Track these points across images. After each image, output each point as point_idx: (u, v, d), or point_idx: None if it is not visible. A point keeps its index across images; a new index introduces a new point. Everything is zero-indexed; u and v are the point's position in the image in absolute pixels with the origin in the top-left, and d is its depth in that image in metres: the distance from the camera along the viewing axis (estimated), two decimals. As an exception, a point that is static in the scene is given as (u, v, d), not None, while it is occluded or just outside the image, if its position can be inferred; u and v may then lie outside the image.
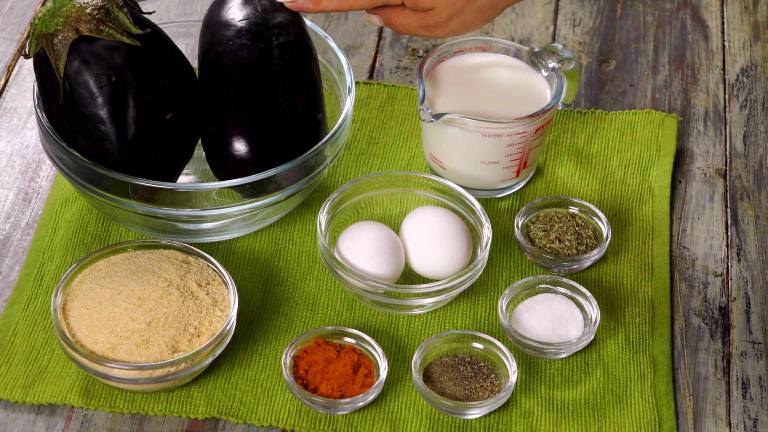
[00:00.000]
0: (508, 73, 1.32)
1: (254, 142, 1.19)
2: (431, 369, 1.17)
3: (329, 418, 1.14)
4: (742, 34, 1.50)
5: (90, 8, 1.16)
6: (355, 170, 1.33)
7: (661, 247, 1.28)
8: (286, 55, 1.22)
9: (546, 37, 1.49)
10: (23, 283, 1.22)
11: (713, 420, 1.16)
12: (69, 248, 1.25)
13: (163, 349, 1.12)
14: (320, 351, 1.16)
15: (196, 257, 1.20)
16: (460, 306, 1.23)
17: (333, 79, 1.30)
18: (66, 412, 1.14)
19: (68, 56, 1.15)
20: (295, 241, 1.27)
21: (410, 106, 1.40)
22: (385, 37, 1.48)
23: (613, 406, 1.16)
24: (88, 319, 1.14)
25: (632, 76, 1.46)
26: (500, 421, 1.15)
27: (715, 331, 1.23)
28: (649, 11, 1.53)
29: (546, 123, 1.27)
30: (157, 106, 1.17)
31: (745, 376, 1.19)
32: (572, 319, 1.20)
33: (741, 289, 1.26)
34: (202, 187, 1.18)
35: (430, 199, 1.27)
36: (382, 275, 1.20)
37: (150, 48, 1.18)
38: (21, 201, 1.30)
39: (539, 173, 1.34)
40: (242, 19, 1.23)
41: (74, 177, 1.19)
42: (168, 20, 1.33)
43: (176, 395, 1.15)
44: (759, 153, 1.38)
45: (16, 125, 1.37)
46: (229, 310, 1.16)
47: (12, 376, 1.15)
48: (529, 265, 1.26)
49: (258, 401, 1.15)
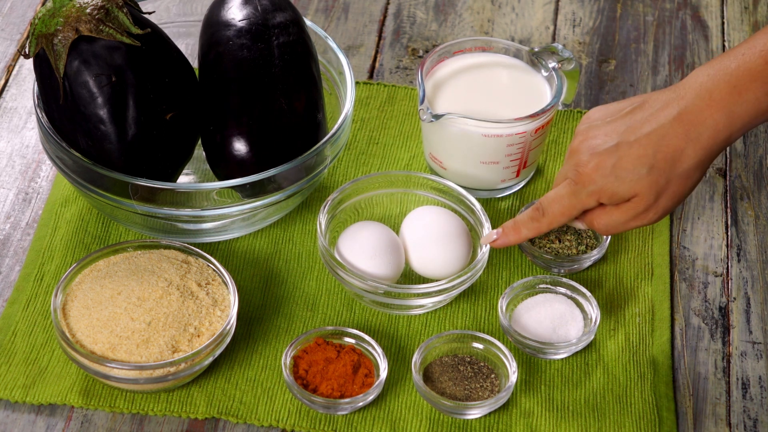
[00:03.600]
0: (508, 73, 1.32)
1: (254, 142, 1.19)
2: (431, 369, 1.17)
3: (329, 418, 1.14)
4: (742, 34, 1.50)
5: (90, 8, 1.16)
6: (355, 170, 1.33)
7: (661, 247, 1.28)
8: (286, 55, 1.22)
9: (546, 37, 1.49)
10: (23, 283, 1.22)
11: (713, 420, 1.16)
12: (69, 248, 1.25)
13: (163, 349, 1.12)
14: (320, 351, 1.16)
15: (196, 257, 1.20)
16: (460, 306, 1.23)
17: (333, 79, 1.30)
18: (66, 412, 1.14)
19: (68, 56, 1.15)
20: (295, 241, 1.27)
21: (410, 106, 1.40)
22: (385, 37, 1.48)
23: (613, 406, 1.16)
24: (88, 319, 1.14)
25: (632, 76, 1.46)
26: (500, 421, 1.15)
27: (715, 331, 1.23)
28: (649, 11, 1.53)
29: (546, 123, 1.27)
30: (157, 106, 1.17)
31: (745, 376, 1.19)
32: (572, 319, 1.20)
33: (741, 289, 1.26)
34: (202, 187, 1.18)
35: (430, 199, 1.27)
36: (381, 275, 1.20)
37: (150, 48, 1.18)
38: (21, 201, 1.30)
39: (539, 173, 1.34)
40: (242, 19, 1.23)
41: (74, 177, 1.19)
42: (168, 20, 1.33)
43: (176, 395, 1.15)
44: (759, 153, 1.38)
45: (16, 125, 1.37)
46: (229, 310, 1.16)
47: (12, 376, 1.15)
48: (529, 265, 1.26)
49: (258, 401, 1.15)
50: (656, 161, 1.09)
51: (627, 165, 1.09)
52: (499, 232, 1.18)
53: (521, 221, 1.17)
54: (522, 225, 1.17)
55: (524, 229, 1.17)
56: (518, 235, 1.17)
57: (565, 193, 1.13)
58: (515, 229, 1.17)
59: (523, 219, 1.17)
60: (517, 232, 1.17)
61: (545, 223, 1.15)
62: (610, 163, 1.10)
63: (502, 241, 1.18)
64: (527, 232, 1.17)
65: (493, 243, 1.19)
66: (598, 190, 1.11)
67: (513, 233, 1.17)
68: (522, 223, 1.17)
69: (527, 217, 1.16)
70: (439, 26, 1.50)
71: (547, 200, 1.15)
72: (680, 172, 1.09)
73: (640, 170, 1.09)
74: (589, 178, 1.11)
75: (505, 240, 1.18)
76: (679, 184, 1.10)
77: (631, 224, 1.13)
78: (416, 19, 1.51)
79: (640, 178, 1.09)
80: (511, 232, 1.18)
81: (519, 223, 1.17)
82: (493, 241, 1.19)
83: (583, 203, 1.13)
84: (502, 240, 1.18)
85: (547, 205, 1.15)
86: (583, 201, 1.13)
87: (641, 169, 1.09)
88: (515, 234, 1.17)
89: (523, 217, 1.17)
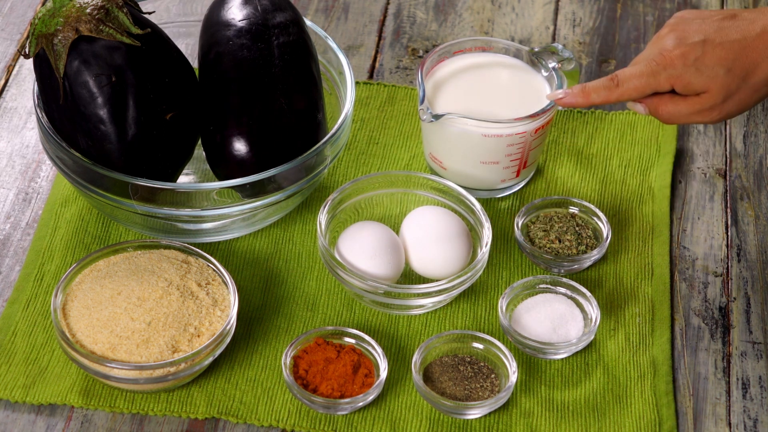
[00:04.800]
0: (508, 73, 1.32)
1: (254, 142, 1.19)
2: (431, 369, 1.17)
3: (329, 418, 1.14)
4: (742, 34, 1.50)
5: (90, 8, 1.16)
6: (355, 170, 1.33)
7: (661, 247, 1.28)
8: (286, 55, 1.22)
9: (546, 37, 1.49)
10: (23, 283, 1.22)
11: (713, 420, 1.16)
12: (69, 248, 1.25)
13: (163, 349, 1.12)
14: (320, 351, 1.16)
15: (196, 257, 1.20)
16: (460, 306, 1.23)
17: (333, 79, 1.30)
18: (66, 412, 1.14)
19: (68, 56, 1.15)
20: (295, 241, 1.27)
21: (410, 106, 1.40)
22: (385, 37, 1.48)
23: (613, 406, 1.16)
24: (88, 319, 1.14)
25: (632, 76, 1.45)
26: (500, 421, 1.15)
27: (715, 331, 1.23)
28: (649, 11, 1.53)
29: (546, 123, 1.27)
30: (157, 106, 1.17)
31: (745, 376, 1.19)
32: (572, 319, 1.20)
33: (741, 289, 1.26)
34: (202, 187, 1.18)
35: (430, 199, 1.27)
36: (381, 275, 1.20)
37: (150, 48, 1.18)
38: (21, 201, 1.30)
39: (539, 173, 1.34)
40: (242, 19, 1.23)
41: (74, 177, 1.19)
42: (168, 20, 1.33)
43: (176, 395, 1.15)
44: (759, 153, 1.38)
45: (16, 125, 1.37)
46: (229, 310, 1.16)
47: (12, 376, 1.15)
48: (529, 265, 1.26)
49: (258, 401, 1.15)
50: (734, 66, 1.14)
51: (708, 61, 1.15)
52: (567, 92, 1.20)
53: (592, 87, 1.19)
54: (592, 90, 1.19)
55: (594, 94, 1.18)
56: (587, 98, 1.19)
57: (645, 71, 1.16)
58: (584, 93, 1.19)
59: (595, 85, 1.19)
60: (586, 95, 1.19)
61: (617, 93, 1.17)
62: (694, 56, 1.15)
63: (569, 100, 1.20)
64: (596, 97, 1.18)
65: (559, 100, 1.20)
66: (677, 76, 1.15)
67: (581, 95, 1.19)
68: (593, 89, 1.19)
69: (600, 85, 1.18)
70: (439, 26, 1.50)
71: (625, 74, 1.17)
72: (751, 83, 1.15)
73: (718, 69, 1.14)
74: (671, 62, 1.15)
75: (572, 100, 1.20)
76: (747, 94, 1.16)
77: (694, 118, 1.17)
78: (416, 19, 1.51)
79: (717, 76, 1.14)
80: (579, 93, 1.19)
81: (589, 88, 1.19)
82: (559, 99, 1.20)
83: (659, 84, 1.16)
84: (570, 99, 1.20)
85: (624, 78, 1.17)
86: (660, 82, 1.16)
87: (720, 68, 1.14)
88: (584, 97, 1.19)
89: (595, 84, 1.18)
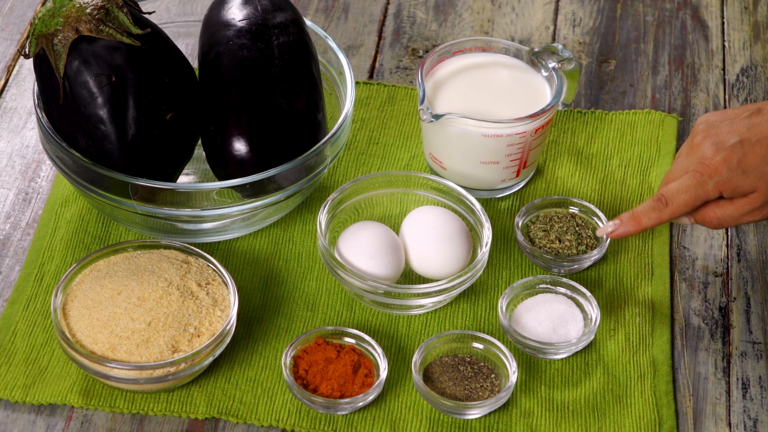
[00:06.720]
0: (508, 73, 1.32)
1: (254, 142, 1.19)
2: (431, 369, 1.17)
3: (329, 418, 1.14)
4: (742, 34, 1.50)
5: (90, 8, 1.16)
6: (355, 170, 1.33)
7: (661, 247, 1.28)
8: (286, 55, 1.22)
9: (546, 37, 1.49)
10: (23, 283, 1.22)
11: (713, 420, 1.16)
12: (69, 248, 1.25)
13: (163, 349, 1.12)
14: (320, 351, 1.16)
15: (196, 257, 1.20)
16: (460, 306, 1.23)
17: (333, 79, 1.30)
18: (66, 412, 1.14)
19: (68, 56, 1.15)
20: (295, 241, 1.27)
21: (410, 106, 1.40)
22: (385, 37, 1.48)
23: (613, 406, 1.16)
24: (88, 319, 1.14)
25: (632, 76, 1.46)
26: (500, 421, 1.15)
27: (715, 331, 1.23)
28: (649, 11, 1.53)
29: (546, 123, 1.27)
30: (157, 106, 1.17)
31: (745, 376, 1.19)
32: (572, 319, 1.20)
33: (741, 289, 1.26)
34: (202, 187, 1.18)
35: (430, 199, 1.27)
36: (381, 275, 1.20)
37: (150, 48, 1.18)
38: (21, 201, 1.30)
39: (539, 173, 1.34)
40: (242, 19, 1.23)
41: (74, 177, 1.19)
42: (168, 20, 1.33)
43: (176, 395, 1.15)
44: (759, 153, 1.38)
45: (16, 125, 1.37)
46: (229, 310, 1.16)
47: (12, 376, 1.15)
48: (529, 265, 1.26)
49: (258, 401, 1.15)
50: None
51: (752, 161, 1.14)
52: (617, 224, 1.19)
53: (641, 212, 1.18)
54: (642, 215, 1.18)
55: (644, 219, 1.18)
56: (638, 225, 1.18)
57: (692, 183, 1.16)
58: (635, 220, 1.18)
59: (644, 209, 1.18)
60: (637, 222, 1.18)
61: (668, 213, 1.17)
62: (736, 158, 1.15)
63: (622, 231, 1.19)
64: (648, 222, 1.18)
65: (611, 234, 1.20)
66: (724, 182, 1.15)
67: (632, 223, 1.19)
68: (642, 213, 1.18)
69: (648, 207, 1.18)
70: (439, 26, 1.50)
71: (671, 191, 1.17)
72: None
73: (763, 167, 1.14)
74: (716, 170, 1.15)
75: (624, 230, 1.19)
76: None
77: (745, 219, 1.17)
78: (416, 19, 1.51)
79: (763, 175, 1.15)
80: (630, 222, 1.19)
81: (639, 214, 1.18)
82: (611, 232, 1.20)
83: (708, 194, 1.16)
84: (622, 230, 1.19)
85: (671, 195, 1.17)
86: (708, 191, 1.16)
87: (764, 166, 1.14)
88: (635, 224, 1.18)
89: (643, 208, 1.18)
